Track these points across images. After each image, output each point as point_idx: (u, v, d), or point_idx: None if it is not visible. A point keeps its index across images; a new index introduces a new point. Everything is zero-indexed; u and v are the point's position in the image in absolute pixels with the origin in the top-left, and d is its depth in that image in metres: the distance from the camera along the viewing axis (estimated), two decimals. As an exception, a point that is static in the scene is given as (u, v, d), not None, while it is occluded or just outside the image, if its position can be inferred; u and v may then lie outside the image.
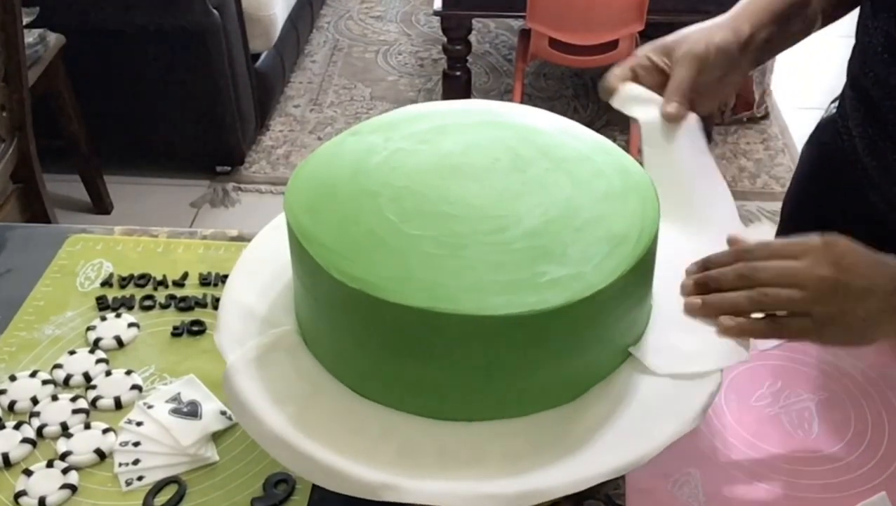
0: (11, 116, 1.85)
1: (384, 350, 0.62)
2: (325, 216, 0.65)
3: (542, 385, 0.63)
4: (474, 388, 0.62)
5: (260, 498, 0.71)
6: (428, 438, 0.62)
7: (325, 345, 0.67)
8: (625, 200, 0.66)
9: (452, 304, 0.57)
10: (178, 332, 0.86)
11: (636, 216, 0.65)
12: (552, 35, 2.38)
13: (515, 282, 0.59)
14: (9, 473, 0.74)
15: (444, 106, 0.77)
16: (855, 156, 0.90)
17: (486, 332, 0.58)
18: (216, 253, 0.96)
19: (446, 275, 0.59)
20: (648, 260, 0.65)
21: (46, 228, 1.05)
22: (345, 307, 0.62)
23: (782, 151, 2.74)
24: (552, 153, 0.70)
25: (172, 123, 2.50)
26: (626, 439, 0.62)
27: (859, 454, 0.74)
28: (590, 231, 0.63)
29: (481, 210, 0.64)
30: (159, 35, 2.31)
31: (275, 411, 0.63)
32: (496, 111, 0.77)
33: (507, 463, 0.60)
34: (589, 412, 0.64)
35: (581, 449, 0.61)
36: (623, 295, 0.62)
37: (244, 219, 2.44)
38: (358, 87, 3.08)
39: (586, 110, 2.93)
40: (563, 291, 0.59)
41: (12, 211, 1.89)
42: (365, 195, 0.66)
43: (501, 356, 0.60)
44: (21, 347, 0.85)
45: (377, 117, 0.75)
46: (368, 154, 0.70)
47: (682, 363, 0.65)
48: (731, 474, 0.73)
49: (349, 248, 0.62)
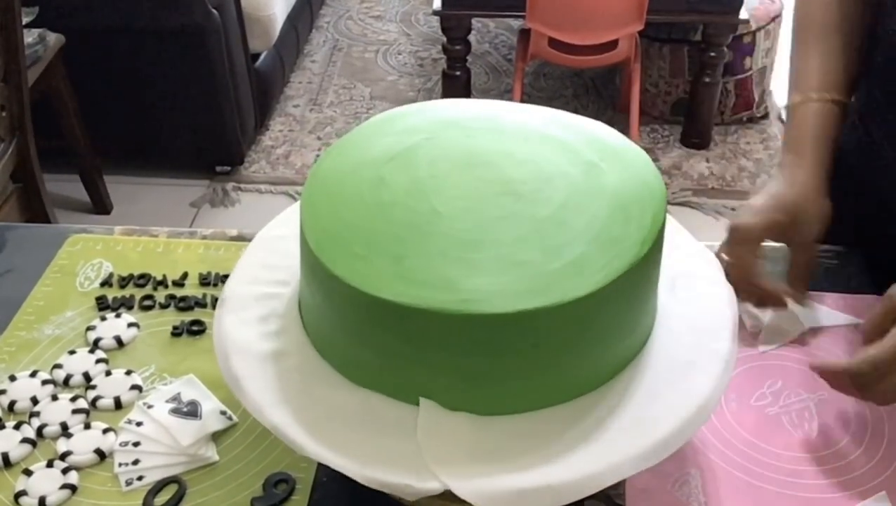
0: (11, 116, 1.86)
1: (401, 350, 0.61)
2: (336, 219, 0.64)
3: (550, 382, 0.63)
4: (482, 384, 0.62)
5: (260, 498, 0.71)
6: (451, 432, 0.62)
7: (330, 341, 0.67)
8: (631, 200, 0.66)
9: (474, 304, 0.58)
10: (178, 332, 0.86)
11: (643, 216, 0.64)
12: (552, 35, 2.38)
13: (525, 280, 0.59)
14: (9, 473, 0.74)
15: (441, 104, 0.77)
16: (872, 149, 0.89)
17: (489, 331, 0.58)
18: (216, 253, 0.96)
19: (460, 274, 0.59)
20: (653, 260, 0.65)
21: (46, 228, 1.05)
22: (349, 307, 0.62)
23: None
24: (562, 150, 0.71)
25: (172, 123, 2.50)
26: (629, 438, 0.61)
27: (859, 454, 0.74)
28: (597, 229, 0.63)
29: (494, 207, 0.65)
30: (159, 35, 2.32)
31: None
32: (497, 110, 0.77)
33: (512, 459, 0.60)
34: (594, 410, 0.63)
35: (586, 447, 0.61)
36: (627, 292, 0.62)
37: (244, 219, 2.44)
38: (357, 86, 3.09)
39: (586, 110, 2.93)
40: (570, 285, 0.59)
41: (12, 211, 1.90)
42: (373, 187, 0.66)
43: (508, 354, 0.60)
44: (21, 347, 0.85)
45: (411, 109, 0.75)
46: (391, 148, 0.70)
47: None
48: (731, 474, 0.73)
49: (359, 250, 0.62)
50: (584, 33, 2.35)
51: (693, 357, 0.66)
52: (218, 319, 0.71)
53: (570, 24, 2.34)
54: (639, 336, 0.67)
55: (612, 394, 0.64)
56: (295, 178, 2.62)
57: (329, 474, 0.72)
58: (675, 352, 0.67)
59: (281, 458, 0.74)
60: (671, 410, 0.63)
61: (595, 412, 0.63)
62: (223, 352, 0.68)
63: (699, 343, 0.67)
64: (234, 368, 0.67)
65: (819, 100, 0.85)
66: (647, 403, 0.63)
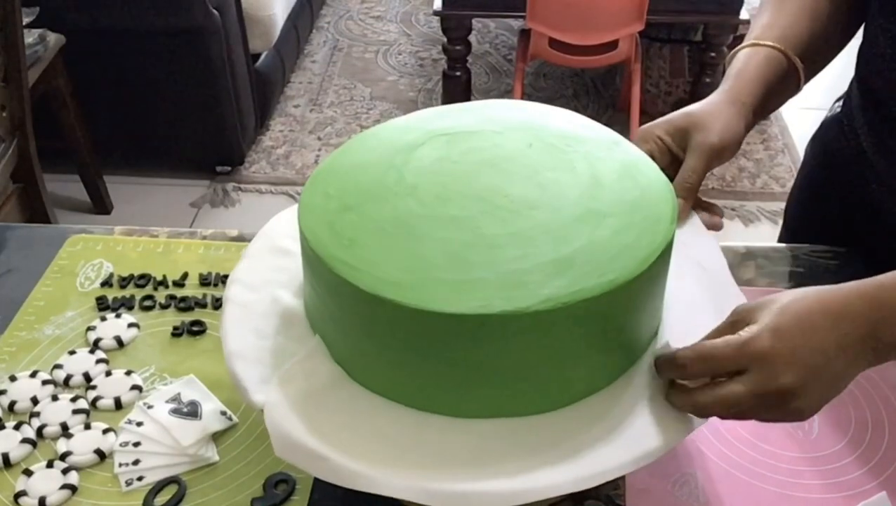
0: (11, 116, 1.86)
1: (407, 353, 0.61)
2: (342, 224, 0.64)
3: (554, 384, 0.62)
4: (485, 386, 0.61)
5: (260, 498, 0.71)
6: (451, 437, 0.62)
7: (335, 339, 0.67)
8: (643, 203, 0.65)
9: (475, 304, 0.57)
10: (178, 332, 0.86)
11: (655, 218, 0.64)
12: (552, 35, 2.38)
13: (459, 284, 0.59)
14: (9, 473, 0.74)
15: (455, 108, 0.77)
16: (861, 154, 0.90)
17: (444, 330, 0.58)
18: (216, 253, 0.96)
19: (468, 274, 0.59)
20: (664, 263, 0.65)
21: (46, 228, 1.05)
22: (353, 308, 0.62)
23: (782, 151, 2.74)
24: (572, 147, 0.71)
25: (172, 123, 2.50)
26: (631, 436, 0.61)
27: (859, 454, 0.74)
28: (606, 230, 0.62)
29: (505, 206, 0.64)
30: (159, 35, 2.32)
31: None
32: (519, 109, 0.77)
33: (508, 462, 0.60)
34: (595, 411, 0.63)
35: (584, 448, 0.61)
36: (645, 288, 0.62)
37: (244, 219, 2.44)
38: (358, 87, 3.09)
39: (587, 110, 2.93)
40: (576, 287, 0.59)
41: (12, 211, 1.90)
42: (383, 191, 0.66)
43: (507, 355, 0.60)
44: (21, 347, 0.85)
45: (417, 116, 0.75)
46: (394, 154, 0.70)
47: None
48: (731, 474, 0.73)
49: (364, 253, 0.62)
50: (584, 33, 2.35)
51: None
52: (232, 274, 0.74)
53: (571, 24, 2.34)
54: (627, 355, 0.66)
55: (581, 411, 0.63)
56: (295, 178, 2.62)
57: (329, 475, 0.72)
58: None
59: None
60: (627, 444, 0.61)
61: (564, 426, 0.62)
62: (225, 298, 0.72)
63: None
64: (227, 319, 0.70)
65: (755, 45, 0.84)
66: (613, 427, 0.62)
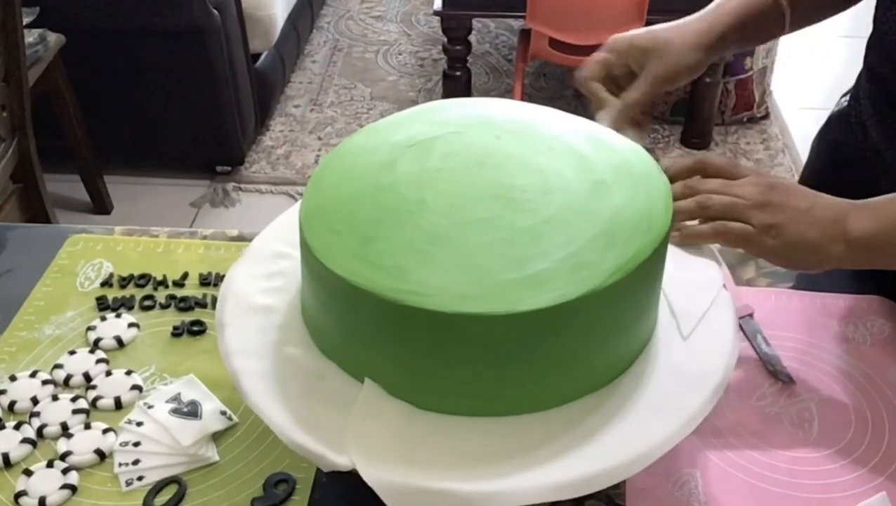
0: (11, 116, 1.85)
1: (408, 351, 0.61)
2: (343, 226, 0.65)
3: (556, 382, 0.63)
4: (489, 384, 0.62)
5: (260, 498, 0.71)
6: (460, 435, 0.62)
7: (331, 336, 0.67)
8: (623, 227, 0.64)
9: (478, 305, 0.58)
10: (178, 332, 0.86)
11: (627, 247, 0.63)
12: (552, 35, 2.38)
13: (473, 284, 0.59)
14: (9, 473, 0.74)
15: (440, 106, 0.77)
16: (870, 148, 0.89)
17: (424, 325, 0.58)
18: (216, 253, 0.96)
19: (415, 266, 0.60)
20: (658, 259, 0.65)
21: (46, 228, 1.05)
22: (315, 277, 0.63)
23: (782, 151, 2.74)
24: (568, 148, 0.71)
25: (172, 123, 2.50)
26: (631, 437, 0.61)
27: (859, 454, 0.74)
28: (570, 250, 0.62)
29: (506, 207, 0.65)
30: (159, 35, 2.32)
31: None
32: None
33: (430, 458, 0.60)
34: (594, 411, 0.63)
35: (585, 447, 0.61)
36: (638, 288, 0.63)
37: (244, 219, 2.44)
38: (358, 87, 3.08)
39: (587, 110, 2.92)
40: (569, 287, 0.59)
41: (12, 211, 1.89)
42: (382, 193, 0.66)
43: (442, 352, 0.60)
44: (21, 347, 0.85)
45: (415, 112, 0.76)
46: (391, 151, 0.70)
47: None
48: (731, 474, 0.73)
49: (365, 254, 0.62)
50: (584, 33, 2.35)
51: (671, 402, 0.64)
52: (232, 267, 0.75)
53: (571, 24, 2.34)
54: (609, 363, 0.65)
55: (557, 418, 0.63)
56: (295, 178, 2.61)
57: (329, 475, 0.72)
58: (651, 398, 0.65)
59: (281, 458, 0.74)
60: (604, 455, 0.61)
61: (534, 433, 0.62)
62: (223, 296, 0.72)
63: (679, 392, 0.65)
64: (225, 316, 0.70)
65: None
66: (583, 436, 0.62)
